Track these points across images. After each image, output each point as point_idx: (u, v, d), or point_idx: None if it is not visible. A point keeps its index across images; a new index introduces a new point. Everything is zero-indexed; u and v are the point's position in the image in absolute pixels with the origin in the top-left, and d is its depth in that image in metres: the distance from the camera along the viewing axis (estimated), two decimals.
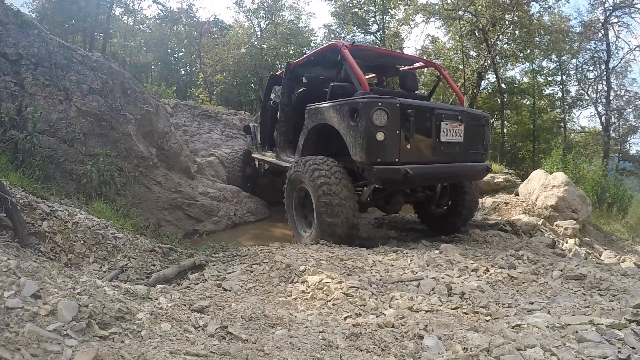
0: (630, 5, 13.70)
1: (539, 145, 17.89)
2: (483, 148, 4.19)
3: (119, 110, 4.87)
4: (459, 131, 3.82)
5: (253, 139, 6.72)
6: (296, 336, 1.81)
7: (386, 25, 18.77)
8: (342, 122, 3.58)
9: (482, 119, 4.20)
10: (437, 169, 3.75)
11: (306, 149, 4.28)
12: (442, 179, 4.26)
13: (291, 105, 4.92)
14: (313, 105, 4.15)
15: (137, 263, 2.98)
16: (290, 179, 4.10)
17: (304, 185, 3.86)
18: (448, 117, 3.75)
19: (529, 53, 15.58)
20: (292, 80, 5.07)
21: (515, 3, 12.29)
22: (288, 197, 4.24)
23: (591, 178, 8.96)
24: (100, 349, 1.33)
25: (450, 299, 2.58)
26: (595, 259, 4.88)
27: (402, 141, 3.41)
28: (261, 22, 20.47)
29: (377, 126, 3.31)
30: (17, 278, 1.65)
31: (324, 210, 3.52)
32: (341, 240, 3.56)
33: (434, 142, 3.68)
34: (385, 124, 3.33)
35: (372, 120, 3.30)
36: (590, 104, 17.17)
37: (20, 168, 3.58)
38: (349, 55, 3.93)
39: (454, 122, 3.78)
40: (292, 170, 4.07)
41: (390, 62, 5.33)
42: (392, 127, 3.35)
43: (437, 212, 4.83)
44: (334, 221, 3.49)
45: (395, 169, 3.35)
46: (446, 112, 3.78)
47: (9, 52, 4.26)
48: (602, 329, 1.89)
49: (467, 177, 4.37)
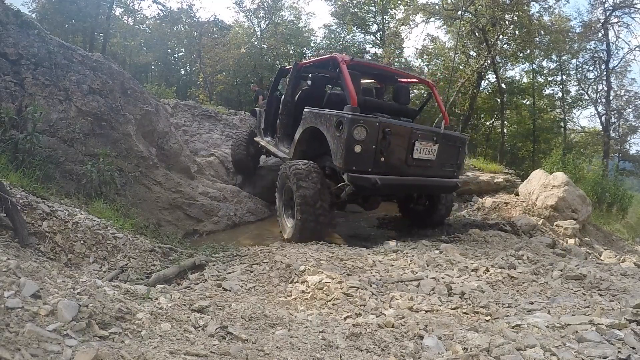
0: (630, 5, 13.70)
1: (539, 145, 17.88)
2: (456, 166, 4.70)
3: (119, 110, 4.87)
4: (432, 150, 4.32)
5: (257, 123, 7.17)
6: (296, 336, 1.81)
7: (386, 25, 18.76)
8: (329, 130, 4.09)
9: (459, 141, 4.69)
10: (405, 181, 4.23)
11: (300, 144, 4.74)
12: (410, 189, 4.84)
13: (294, 102, 5.33)
14: (309, 109, 4.59)
15: (137, 263, 2.98)
16: (280, 177, 4.63)
17: (289, 184, 4.36)
18: (423, 137, 4.24)
19: (529, 53, 15.57)
20: (297, 79, 5.50)
21: (515, 3, 12.27)
22: (278, 192, 4.78)
23: (591, 178, 8.94)
24: (100, 349, 1.33)
25: (450, 299, 2.58)
26: (595, 259, 4.88)
27: (376, 155, 3.93)
28: (261, 22, 20.47)
29: (356, 140, 3.81)
30: (17, 278, 1.65)
31: (300, 209, 4.05)
32: (313, 234, 4.06)
33: (407, 158, 4.19)
34: (364, 139, 3.83)
35: (353, 135, 3.79)
36: (590, 104, 17.16)
37: (20, 168, 3.58)
38: (346, 70, 4.34)
39: (428, 142, 4.28)
40: (281, 171, 4.57)
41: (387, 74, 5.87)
42: (369, 142, 3.86)
43: (417, 208, 5.40)
44: (308, 218, 4.02)
45: (366, 178, 3.83)
46: (422, 133, 4.28)
47: (9, 52, 4.26)
48: (602, 329, 1.89)
49: (435, 190, 4.92)
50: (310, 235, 4.05)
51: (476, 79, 14.74)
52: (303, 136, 4.65)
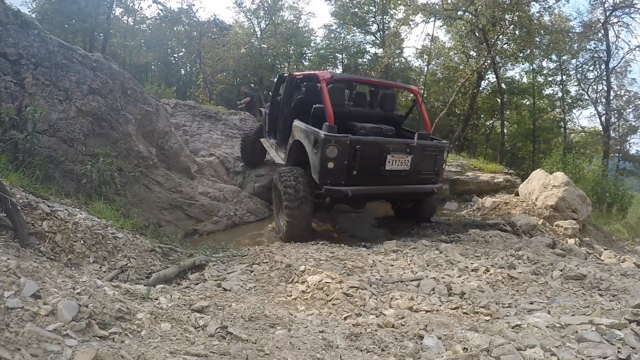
0: (630, 5, 13.65)
1: (539, 145, 17.83)
2: (434, 173, 4.97)
3: (119, 110, 4.87)
4: (405, 161, 4.60)
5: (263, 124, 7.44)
6: (296, 336, 1.81)
7: (386, 25, 18.73)
8: (309, 146, 4.53)
9: (437, 149, 4.94)
10: (377, 190, 4.63)
11: (292, 152, 5.15)
12: (383, 197, 5.35)
13: (290, 110, 5.65)
14: (297, 123, 5.00)
15: (137, 263, 2.98)
16: (274, 181, 5.12)
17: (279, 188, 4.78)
18: (396, 150, 4.52)
19: (529, 53, 15.54)
20: (291, 88, 5.82)
21: (515, 3, 12.25)
22: (274, 194, 5.27)
23: (591, 178, 8.92)
24: (100, 349, 1.33)
25: (450, 299, 2.58)
26: (595, 259, 4.88)
27: (349, 169, 4.30)
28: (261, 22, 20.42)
29: (329, 157, 4.21)
30: (17, 278, 1.65)
31: (287, 212, 4.50)
32: (299, 233, 4.48)
33: (379, 169, 4.48)
34: (336, 156, 4.22)
35: (326, 153, 4.19)
36: (590, 104, 17.10)
37: (20, 168, 3.58)
38: (325, 89, 4.70)
39: (400, 154, 4.55)
40: (274, 176, 5.06)
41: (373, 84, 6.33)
42: (341, 159, 4.23)
43: (404, 207, 5.86)
44: (290, 220, 4.47)
45: (339, 190, 4.28)
46: (394, 146, 4.54)
47: (9, 52, 4.26)
48: (602, 329, 1.89)
49: (409, 197, 5.30)
50: (296, 234, 4.46)
51: (476, 79, 14.71)
52: (293, 146, 5.04)
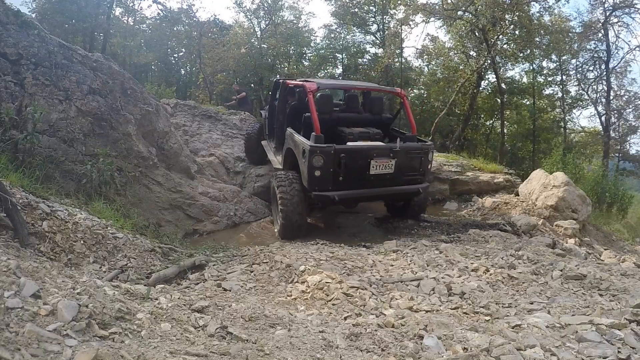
0: (630, 5, 13.62)
1: (539, 145, 17.80)
2: (420, 174, 5.16)
3: (119, 110, 4.87)
4: (389, 165, 4.80)
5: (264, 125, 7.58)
6: (296, 336, 1.81)
7: (386, 25, 18.72)
8: (299, 155, 4.81)
9: (422, 150, 5.13)
10: (362, 193, 4.89)
11: (287, 157, 5.40)
12: (369, 199, 5.60)
13: (284, 116, 5.86)
14: (290, 132, 5.25)
15: (137, 263, 2.98)
16: (271, 184, 5.42)
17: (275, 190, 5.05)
18: (379, 155, 4.73)
19: (529, 53, 15.53)
20: (286, 95, 6.08)
21: (515, 3, 12.24)
22: (272, 196, 5.54)
23: (591, 178, 8.91)
24: (100, 349, 1.33)
25: (450, 299, 2.58)
26: (595, 259, 4.88)
27: (335, 176, 4.56)
28: (261, 22, 20.38)
29: (315, 167, 4.48)
30: (17, 278, 1.65)
31: (281, 214, 4.80)
32: (293, 232, 4.79)
33: (365, 174, 4.70)
34: (322, 165, 4.48)
35: (313, 163, 4.47)
36: (590, 104, 17.06)
37: (20, 168, 3.58)
38: (311, 100, 4.91)
39: (384, 158, 4.75)
40: (272, 179, 5.38)
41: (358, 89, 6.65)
42: (326, 167, 4.49)
43: (396, 205, 6.09)
44: (284, 222, 4.78)
45: (326, 195, 4.58)
46: (378, 151, 4.77)
47: (9, 52, 4.25)
48: (602, 329, 1.89)
49: (395, 197, 5.59)
50: (290, 233, 4.80)
51: (476, 79, 14.70)
52: (288, 151, 5.29)
